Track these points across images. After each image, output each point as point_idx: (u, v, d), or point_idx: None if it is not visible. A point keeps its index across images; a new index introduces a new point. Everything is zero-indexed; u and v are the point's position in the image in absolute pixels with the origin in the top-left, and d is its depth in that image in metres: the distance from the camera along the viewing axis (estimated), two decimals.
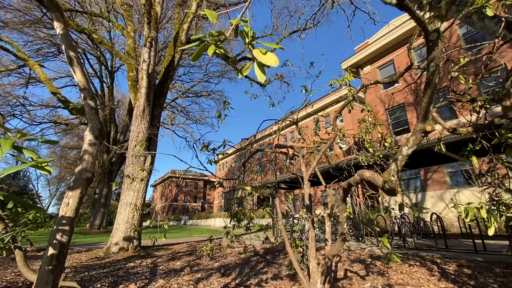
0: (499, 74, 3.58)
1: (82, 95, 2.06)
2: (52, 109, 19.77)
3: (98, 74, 22.99)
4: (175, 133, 20.46)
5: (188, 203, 55.48)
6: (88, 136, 2.02)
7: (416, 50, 15.48)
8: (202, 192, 58.80)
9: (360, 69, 19.05)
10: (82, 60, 19.91)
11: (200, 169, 3.36)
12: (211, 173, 3.29)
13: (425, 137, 1.35)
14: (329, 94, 22.81)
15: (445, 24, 12.24)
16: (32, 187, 47.47)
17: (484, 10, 2.66)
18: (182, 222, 44.43)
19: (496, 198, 3.04)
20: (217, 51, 1.21)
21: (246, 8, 1.13)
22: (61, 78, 21.15)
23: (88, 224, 35.72)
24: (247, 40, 1.24)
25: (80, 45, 19.70)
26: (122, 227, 7.99)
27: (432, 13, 2.70)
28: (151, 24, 8.89)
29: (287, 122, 4.89)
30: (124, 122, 21.70)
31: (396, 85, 16.24)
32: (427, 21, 1.14)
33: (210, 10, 1.10)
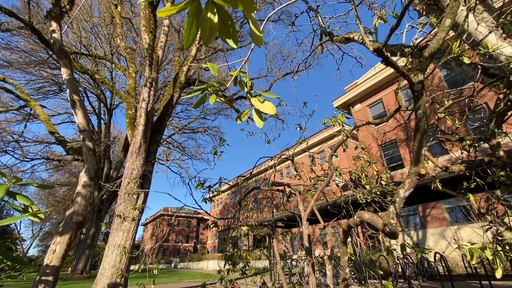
0: (482, 115, 3.78)
1: (81, 136, 2.09)
2: (46, 145, 19.66)
3: (97, 111, 23.43)
4: (169, 169, 20.26)
5: (179, 244, 52.51)
6: (83, 178, 1.99)
7: (403, 90, 16.40)
8: (195, 231, 56.11)
9: (351, 107, 19.88)
10: (82, 97, 20.45)
11: (194, 207, 3.27)
12: (206, 212, 3.21)
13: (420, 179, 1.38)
14: (323, 131, 23.39)
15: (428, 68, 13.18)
16: (14, 227, 44.81)
17: (461, 58, 2.90)
18: (173, 265, 41.47)
19: (500, 238, 2.97)
20: (217, 99, 1.27)
21: (245, 62, 1.23)
22: (59, 115, 21.45)
23: (70, 268, 33.04)
24: (246, 90, 1.32)
25: (82, 84, 20.41)
26: (108, 272, 7.42)
27: (413, 63, 2.91)
28: (152, 66, 9.37)
29: (283, 158, 4.92)
30: (119, 158, 21.54)
31: (389, 115, 16.84)
32: (411, 74, 1.25)
33: (211, 63, 1.18)
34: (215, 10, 0.48)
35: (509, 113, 2.60)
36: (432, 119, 12.96)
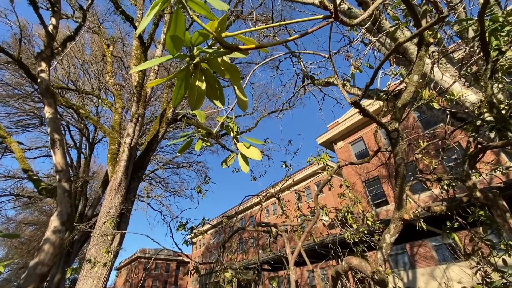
0: (456, 156, 4.00)
1: (57, 176, 1.98)
2: (18, 180, 18.40)
3: (78, 145, 22.70)
4: (150, 206, 19.26)
5: None
6: (54, 222, 1.84)
7: (381, 129, 17.33)
8: (174, 276, 51.52)
9: (334, 144, 20.54)
10: (64, 131, 19.90)
11: (174, 250, 3.05)
12: (186, 255, 3.00)
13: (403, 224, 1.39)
14: (308, 167, 23.64)
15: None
16: None
17: (431, 103, 3.15)
18: None
19: (488, 280, 2.93)
20: (203, 144, 1.27)
21: (232, 108, 1.28)
22: (37, 149, 20.54)
23: None
24: (232, 135, 1.34)
25: (65, 117, 20.04)
26: None
27: (388, 106, 3.11)
28: (140, 102, 9.46)
29: (269, 194, 4.85)
30: (96, 194, 20.35)
31: (371, 154, 17.37)
32: (387, 123, 1.35)
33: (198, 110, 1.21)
34: (203, 78, 0.51)
35: (480, 155, 2.77)
36: (412, 157, 13.56)
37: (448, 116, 3.64)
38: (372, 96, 5.06)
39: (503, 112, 2.61)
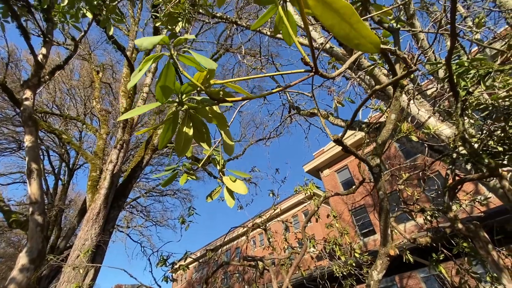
0: (436, 186, 4.14)
1: (30, 209, 1.86)
2: None
3: (56, 171, 21.65)
4: (129, 237, 18.11)
5: None
6: (22, 259, 1.68)
7: (367, 156, 17.79)
8: None
9: (320, 172, 20.74)
10: (42, 156, 19.03)
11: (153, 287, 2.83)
12: None
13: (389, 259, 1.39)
14: (295, 195, 23.47)
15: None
16: None
17: (409, 136, 3.31)
18: None
19: None
20: (188, 177, 1.26)
21: (219, 141, 1.30)
22: (12, 174, 19.37)
23: None
24: (218, 167, 1.34)
25: (45, 141, 19.32)
26: None
27: (370, 137, 3.20)
28: (126, 129, 9.35)
29: (255, 225, 4.71)
30: (72, 224, 19.02)
31: (356, 185, 17.55)
32: (369, 158, 1.41)
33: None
34: (191, 124, 0.53)
35: (458, 187, 2.88)
36: (395, 186, 13.84)
37: (426, 148, 3.83)
38: (354, 127, 5.27)
39: (476, 146, 2.78)
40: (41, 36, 3.55)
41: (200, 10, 4.10)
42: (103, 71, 12.98)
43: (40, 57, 2.95)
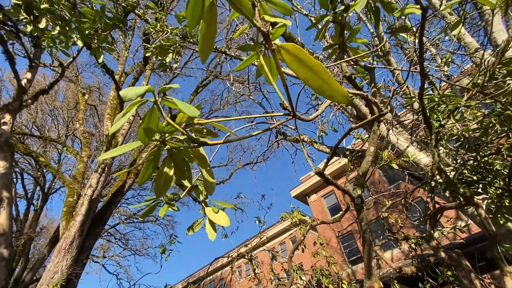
0: (418, 213, 4.22)
1: None
2: None
3: (30, 196, 20.32)
4: (105, 268, 16.81)
5: None
6: None
7: (351, 183, 18.03)
8: None
9: (307, 197, 20.67)
10: (16, 179, 17.92)
11: None
12: None
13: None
14: (282, 222, 23.05)
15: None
16: None
17: (391, 164, 3.42)
18: None
19: None
20: (170, 208, 1.23)
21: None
22: None
23: None
24: (201, 198, 1.33)
25: (21, 164, 18.31)
26: None
27: (354, 164, 3.26)
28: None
29: (241, 254, 4.54)
30: (41, 254, 17.49)
31: (341, 212, 17.52)
32: (351, 189, 1.44)
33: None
34: (172, 164, 0.54)
35: (439, 215, 2.95)
36: (380, 212, 13.97)
37: (407, 176, 3.96)
38: (339, 154, 5.40)
39: (452, 175, 2.91)
40: (27, 58, 3.53)
41: (191, 40, 4.27)
42: (89, 93, 12.88)
43: (24, 82, 2.90)
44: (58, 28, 2.05)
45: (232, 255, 4.58)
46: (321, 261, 4.33)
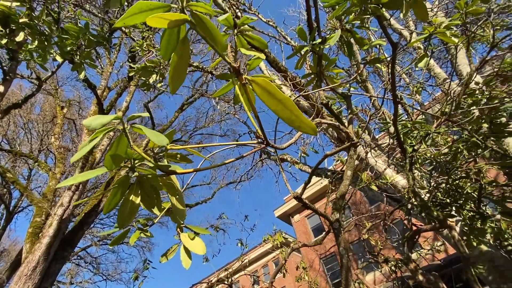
0: (397, 235, 4.30)
1: None
2: None
3: None
4: None
5: None
6: None
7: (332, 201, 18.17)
8: None
9: (291, 217, 20.50)
10: None
11: None
12: None
13: None
14: (264, 244, 22.53)
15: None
16: None
17: (370, 185, 3.50)
18: None
19: None
20: (142, 234, 1.18)
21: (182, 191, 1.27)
22: None
23: None
24: (176, 223, 1.28)
25: None
26: None
27: (335, 185, 3.30)
28: (85, 169, 8.68)
29: (220, 279, 4.35)
30: None
31: (322, 235, 17.45)
32: (329, 213, 1.45)
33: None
34: (139, 192, 0.52)
35: (416, 237, 3.01)
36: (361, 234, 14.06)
37: (385, 197, 4.06)
38: (320, 174, 5.48)
39: (427, 197, 3.02)
40: (1, 70, 3.39)
41: None
42: (68, 107, 12.46)
43: None
44: (36, 42, 2.01)
45: (211, 280, 4.37)
46: (304, 286, 4.23)
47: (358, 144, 1.28)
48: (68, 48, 2.09)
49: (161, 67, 2.22)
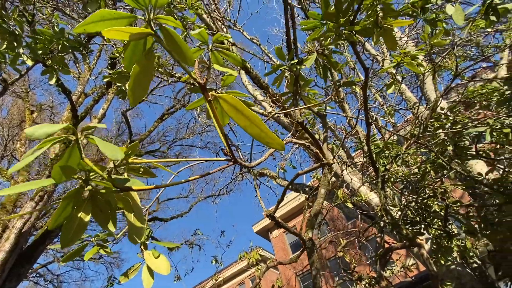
0: (370, 253, 4.36)
1: None
2: None
3: None
4: None
5: None
6: None
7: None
8: None
9: (269, 232, 20.26)
10: None
11: None
12: None
13: None
14: (240, 262, 21.92)
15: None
16: None
17: (346, 202, 3.56)
18: None
19: None
20: (101, 251, 1.10)
21: (148, 208, 1.20)
22: None
23: None
24: (141, 240, 1.21)
25: None
26: None
27: (313, 200, 3.24)
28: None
29: None
30: None
31: (297, 253, 17.35)
32: (303, 232, 1.45)
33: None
34: (90, 207, 0.49)
35: (388, 255, 3.07)
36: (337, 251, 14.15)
37: (360, 215, 4.15)
38: (299, 190, 5.52)
39: (398, 215, 3.12)
40: None
41: (160, 70, 4.28)
42: (39, 112, 11.78)
43: None
44: (5, 43, 1.91)
45: None
46: None
47: (330, 163, 1.31)
48: (40, 52, 2.00)
49: None
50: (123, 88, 2.39)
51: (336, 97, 4.11)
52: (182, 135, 15.18)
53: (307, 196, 3.69)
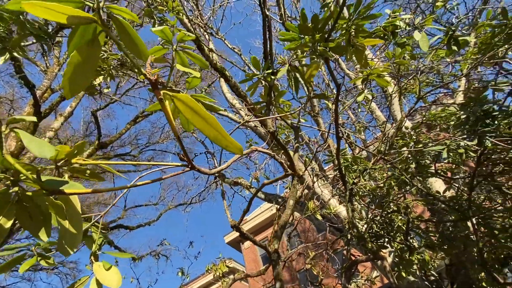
0: (338, 266, 4.43)
1: None
2: None
3: None
4: None
5: None
6: None
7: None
8: None
9: (241, 243, 19.91)
10: None
11: None
12: None
13: None
14: (206, 275, 21.23)
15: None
16: None
17: (315, 214, 3.60)
18: None
19: None
20: (42, 262, 0.98)
21: (101, 216, 1.11)
22: None
23: None
24: (92, 249, 1.11)
25: None
26: None
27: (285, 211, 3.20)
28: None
29: None
30: None
31: (265, 266, 17.22)
32: (269, 243, 1.43)
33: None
34: (13, 212, 0.42)
35: (353, 267, 3.13)
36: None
37: (329, 227, 4.22)
38: (272, 200, 5.52)
39: (364, 228, 3.22)
40: None
41: (135, 70, 4.12)
42: None
43: None
44: None
45: None
46: None
47: (299, 174, 1.31)
48: None
49: (110, 68, 2.05)
50: (91, 83, 2.25)
51: (312, 112, 4.23)
52: (156, 139, 14.66)
53: (278, 207, 3.69)
